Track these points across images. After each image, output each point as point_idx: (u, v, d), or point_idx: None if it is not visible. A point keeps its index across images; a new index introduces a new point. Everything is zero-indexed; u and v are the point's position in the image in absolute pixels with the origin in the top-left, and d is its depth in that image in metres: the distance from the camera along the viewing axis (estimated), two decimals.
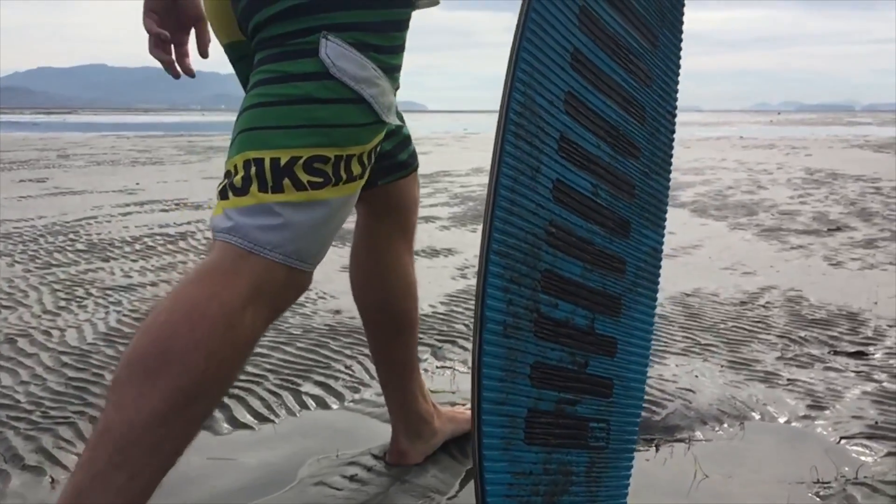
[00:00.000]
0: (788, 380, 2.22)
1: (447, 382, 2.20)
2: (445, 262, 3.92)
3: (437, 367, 2.34)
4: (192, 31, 1.27)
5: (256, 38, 1.12)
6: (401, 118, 1.42)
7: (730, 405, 2.04)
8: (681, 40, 1.41)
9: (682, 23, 1.41)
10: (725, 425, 1.92)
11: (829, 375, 2.26)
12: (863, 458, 1.74)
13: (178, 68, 1.25)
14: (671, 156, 1.42)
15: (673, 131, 1.41)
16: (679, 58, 1.41)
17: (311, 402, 2.05)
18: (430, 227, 5.05)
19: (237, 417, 1.94)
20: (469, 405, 1.79)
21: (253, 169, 1.07)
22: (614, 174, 1.28)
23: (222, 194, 1.10)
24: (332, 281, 3.30)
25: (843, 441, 1.83)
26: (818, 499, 1.56)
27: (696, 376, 2.25)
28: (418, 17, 1.37)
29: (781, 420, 1.96)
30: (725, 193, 6.98)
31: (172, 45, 1.24)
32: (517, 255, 1.12)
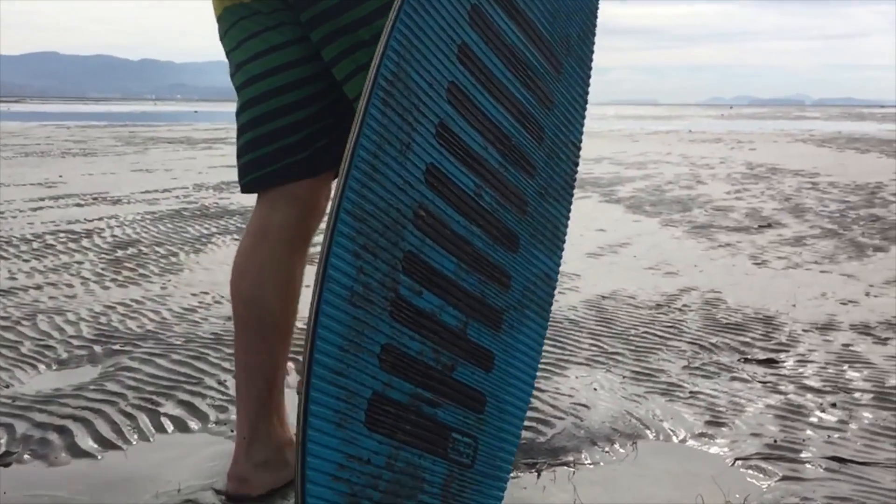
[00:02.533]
0: (691, 392, 2.10)
1: None
2: None
3: None
4: None
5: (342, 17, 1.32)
6: None
7: (624, 422, 1.90)
8: (589, 76, 1.42)
9: (590, 59, 1.43)
10: (616, 446, 1.78)
11: (734, 387, 2.14)
12: (755, 482, 1.62)
13: None
14: (573, 186, 1.40)
15: (576, 162, 1.40)
16: (586, 92, 1.42)
17: (169, 425, 1.86)
18: None
19: (78, 444, 1.74)
20: None
21: None
22: (504, 183, 1.25)
23: None
24: None
25: (737, 462, 1.70)
26: None
27: (595, 389, 2.11)
28: None
29: (676, 439, 1.82)
30: (664, 188, 6.91)
31: None
32: (375, 223, 1.08)
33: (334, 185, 1.23)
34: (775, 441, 1.80)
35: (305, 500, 1.02)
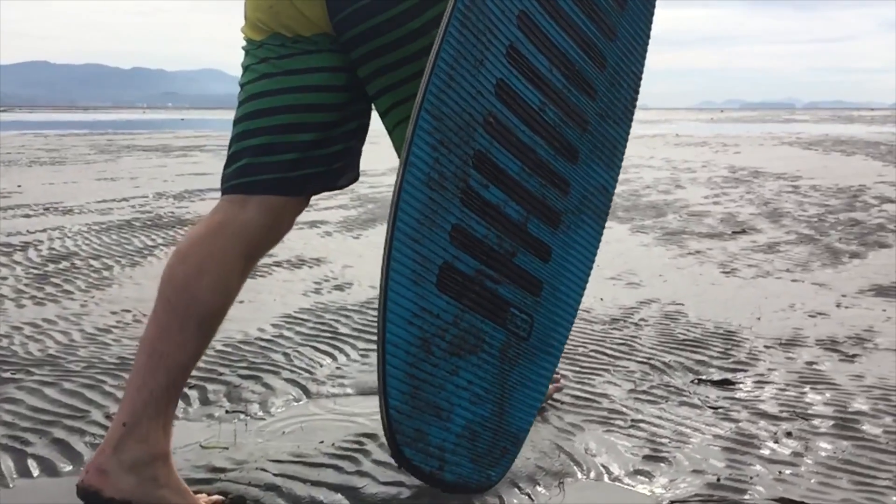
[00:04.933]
0: (633, 421, 1.89)
1: (230, 435, 1.81)
2: (305, 275, 3.53)
3: (225, 413, 1.94)
4: None
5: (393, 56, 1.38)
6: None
7: (552, 459, 1.69)
8: (652, 14, 1.56)
9: (653, 3, 1.56)
10: (540, 487, 1.57)
11: (682, 413, 1.93)
12: None
13: None
14: (632, 112, 1.56)
15: (636, 90, 1.56)
16: (649, 28, 1.56)
17: (35, 468, 1.64)
18: (310, 234, 4.64)
19: None
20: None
21: None
22: (566, 102, 1.41)
23: None
24: None
25: None
26: None
27: None
28: None
29: (608, 477, 1.61)
30: (640, 193, 6.71)
31: None
32: (450, 123, 1.25)
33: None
34: (718, 479, 1.59)
35: (386, 337, 1.22)
